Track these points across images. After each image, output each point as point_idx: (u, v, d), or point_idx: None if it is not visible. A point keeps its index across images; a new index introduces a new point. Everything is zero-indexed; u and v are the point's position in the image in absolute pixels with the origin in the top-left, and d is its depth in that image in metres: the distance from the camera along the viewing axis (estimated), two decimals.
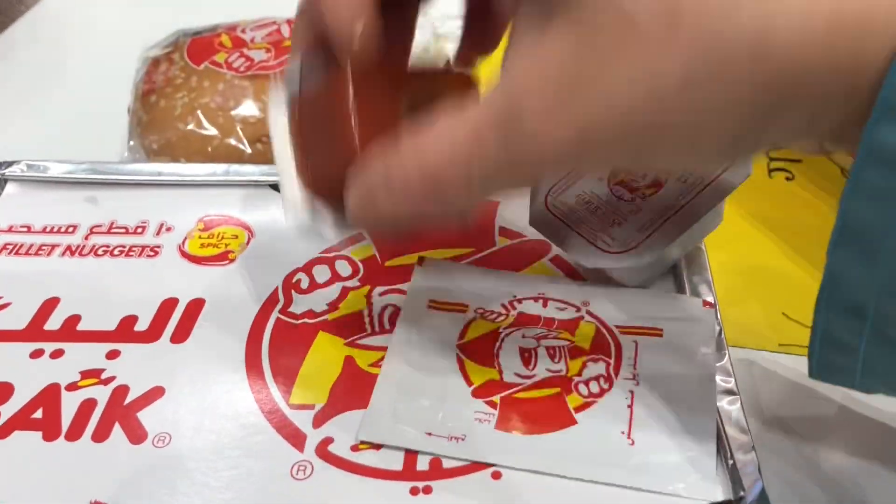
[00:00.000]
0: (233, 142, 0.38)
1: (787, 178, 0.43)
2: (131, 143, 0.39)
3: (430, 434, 0.26)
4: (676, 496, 0.24)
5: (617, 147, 0.22)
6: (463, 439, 0.26)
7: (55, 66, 0.53)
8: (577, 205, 0.31)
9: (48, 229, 0.36)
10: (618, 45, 0.21)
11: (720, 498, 0.24)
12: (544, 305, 0.30)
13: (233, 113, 0.39)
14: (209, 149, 0.38)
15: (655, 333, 0.29)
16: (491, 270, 0.32)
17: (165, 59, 0.41)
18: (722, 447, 0.26)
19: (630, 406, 0.27)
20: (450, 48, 0.44)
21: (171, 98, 0.39)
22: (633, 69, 0.21)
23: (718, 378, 0.28)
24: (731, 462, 0.25)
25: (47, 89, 0.51)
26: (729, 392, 0.28)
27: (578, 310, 0.30)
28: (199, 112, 0.39)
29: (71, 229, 0.35)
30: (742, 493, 0.25)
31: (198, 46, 0.41)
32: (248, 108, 0.39)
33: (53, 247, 0.35)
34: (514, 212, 0.35)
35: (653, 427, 0.26)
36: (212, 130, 0.38)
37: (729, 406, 0.27)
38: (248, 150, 0.38)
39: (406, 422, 0.27)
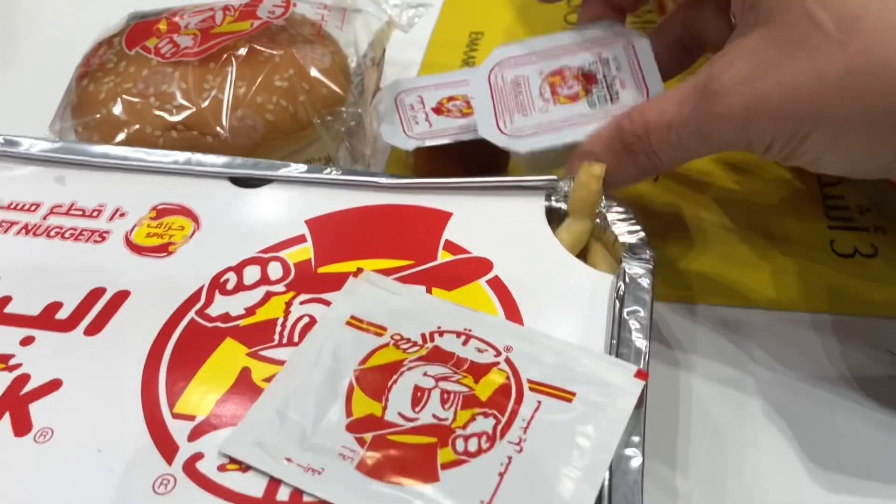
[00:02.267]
0: (148, 129, 0.38)
1: None
2: (56, 123, 0.39)
3: (289, 461, 0.25)
4: None
5: (779, 123, 0.27)
6: (320, 473, 0.25)
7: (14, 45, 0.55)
8: (510, 84, 0.37)
9: (14, 206, 0.36)
10: (799, 41, 0.26)
11: None
12: (465, 343, 0.28)
13: (151, 100, 0.38)
14: (124, 135, 0.38)
15: (566, 397, 0.26)
16: (426, 296, 0.30)
17: (106, 43, 0.41)
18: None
19: (502, 474, 0.24)
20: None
21: (100, 82, 0.39)
22: (805, 63, 0.26)
23: (626, 436, 0.25)
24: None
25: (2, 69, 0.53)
26: (634, 446, 0.25)
27: (498, 354, 0.28)
28: (120, 98, 0.38)
29: (34, 207, 0.36)
30: None
31: (137, 31, 0.41)
32: (166, 97, 0.38)
33: (12, 224, 0.35)
34: (463, 228, 0.33)
35: (518, 502, 0.24)
36: (130, 116, 0.38)
37: (630, 465, 0.25)
38: (164, 137, 0.37)
39: (270, 444, 0.25)
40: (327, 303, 0.30)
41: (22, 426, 0.27)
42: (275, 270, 0.32)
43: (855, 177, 0.32)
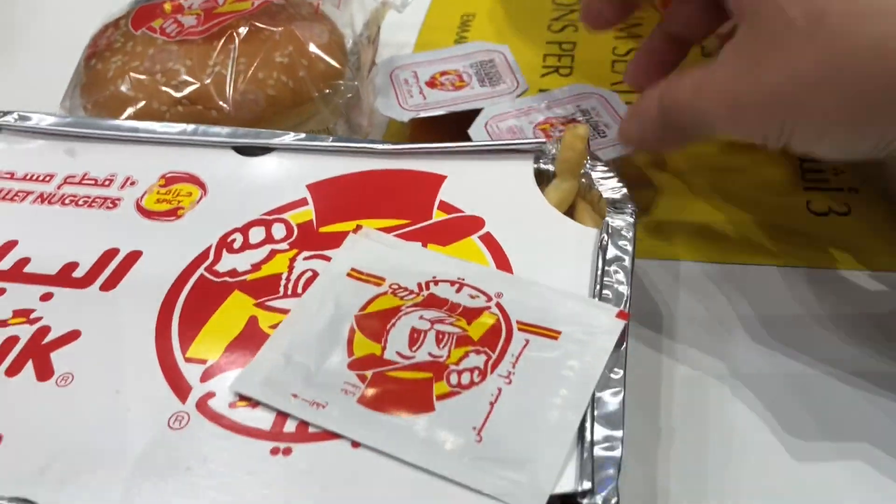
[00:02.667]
0: (155, 104, 0.40)
1: None
2: (67, 101, 0.41)
3: (294, 396, 0.27)
4: (509, 494, 0.24)
5: (763, 117, 0.28)
6: (324, 406, 0.26)
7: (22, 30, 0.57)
8: (506, 131, 0.40)
9: (28, 177, 0.38)
10: (774, 37, 0.27)
11: (556, 490, 0.24)
12: (458, 291, 0.30)
13: (157, 76, 0.40)
14: (132, 110, 0.39)
15: (552, 335, 0.28)
16: (422, 249, 0.32)
17: (113, 25, 0.43)
18: (582, 443, 0.25)
19: (492, 403, 0.26)
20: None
21: (108, 61, 0.41)
22: (780, 60, 0.27)
23: (608, 371, 0.27)
24: (585, 456, 0.25)
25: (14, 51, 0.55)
26: (616, 383, 0.27)
27: (489, 300, 0.30)
28: (127, 75, 0.40)
29: (48, 178, 0.38)
30: (589, 486, 0.24)
31: (143, 13, 0.43)
32: (171, 73, 0.40)
33: (28, 194, 0.37)
34: (457, 189, 0.35)
35: (507, 428, 0.26)
36: (137, 92, 0.40)
37: (610, 398, 0.27)
38: (170, 112, 0.39)
39: (277, 381, 0.27)
40: (328, 258, 0.32)
41: (44, 372, 0.29)
42: (278, 230, 0.34)
43: (851, 160, 0.33)
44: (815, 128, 0.28)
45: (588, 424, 0.26)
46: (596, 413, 0.26)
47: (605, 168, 0.34)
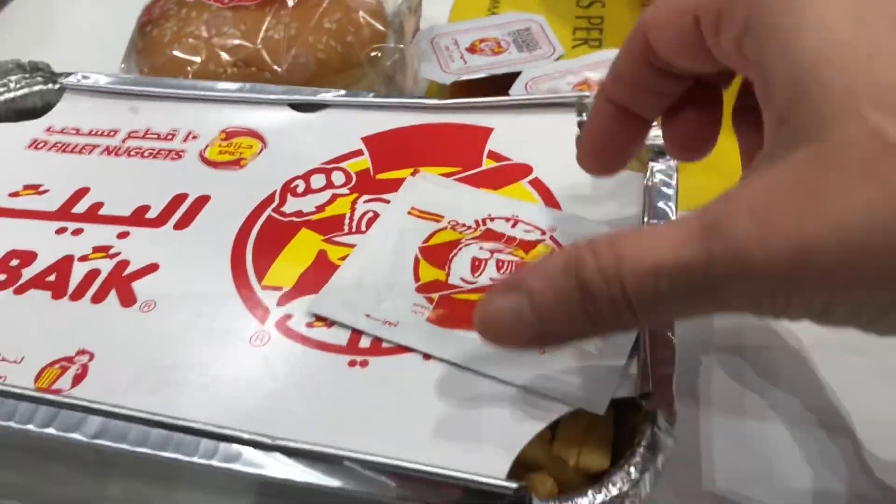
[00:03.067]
0: (211, 66, 0.42)
1: None
2: (122, 66, 0.43)
3: (368, 316, 0.29)
4: (575, 398, 0.26)
5: (842, 282, 0.19)
6: (396, 325, 0.28)
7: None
8: None
9: (94, 132, 0.40)
10: (865, 165, 0.18)
11: (618, 394, 0.26)
12: (513, 226, 0.32)
13: (213, 40, 0.42)
14: (190, 73, 0.42)
15: None
16: (478, 190, 0.34)
17: None
18: (639, 351, 0.27)
19: None
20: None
21: (163, 28, 0.43)
22: (877, 197, 0.18)
23: None
24: (642, 361, 0.27)
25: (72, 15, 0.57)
26: None
27: (543, 234, 0.32)
28: (183, 40, 0.42)
29: (112, 133, 0.40)
30: (648, 389, 0.26)
31: None
32: (226, 37, 0.42)
33: (95, 147, 0.39)
34: (504, 140, 0.37)
35: None
36: (193, 55, 0.42)
37: None
38: (227, 73, 0.41)
39: (351, 303, 0.29)
40: (387, 201, 0.34)
41: (127, 299, 0.31)
42: (338, 177, 0.36)
43: None
44: None
45: (643, 335, 0.28)
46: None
47: None
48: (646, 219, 0.32)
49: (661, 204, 0.33)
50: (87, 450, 0.29)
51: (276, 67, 0.42)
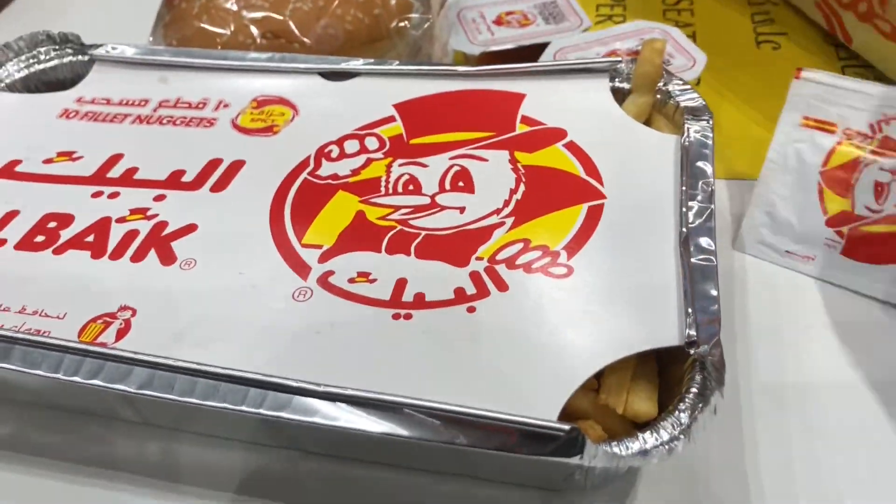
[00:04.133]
0: (240, 37, 0.42)
1: (774, 48, 0.46)
2: (150, 38, 0.43)
3: (788, 252, 0.31)
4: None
5: None
6: (813, 259, 0.31)
7: None
8: None
9: (124, 102, 0.40)
10: None
11: (670, 342, 0.26)
12: None
13: (242, 13, 0.42)
14: (219, 44, 0.42)
15: None
16: (867, 84, 0.32)
17: None
18: (684, 302, 0.27)
19: None
20: None
21: (192, 1, 0.43)
22: None
23: None
24: (688, 309, 0.27)
25: None
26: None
27: None
28: (212, 12, 0.42)
29: (143, 103, 0.40)
30: (694, 338, 0.26)
31: None
32: (255, 8, 0.43)
33: (126, 116, 0.39)
34: (537, 105, 0.37)
35: None
36: (222, 28, 0.42)
37: None
38: (255, 44, 0.42)
39: (769, 241, 0.32)
40: (424, 165, 0.34)
41: (167, 258, 0.31)
42: (371, 143, 0.36)
43: None
44: None
45: (688, 286, 0.28)
46: None
47: (681, 81, 0.36)
48: (683, 178, 0.32)
49: (699, 163, 0.32)
50: (131, 405, 0.29)
51: (304, 39, 0.42)
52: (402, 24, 0.43)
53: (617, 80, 0.38)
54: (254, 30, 0.43)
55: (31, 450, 0.31)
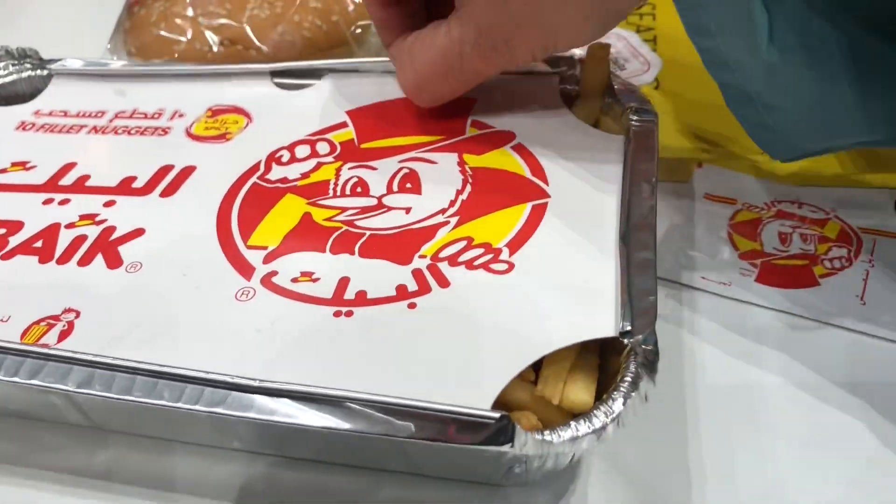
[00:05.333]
0: (197, 45, 0.43)
1: None
2: (108, 45, 0.44)
3: (703, 278, 0.34)
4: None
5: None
6: (728, 285, 0.34)
7: None
8: None
9: (81, 114, 0.40)
10: None
11: (605, 334, 0.26)
12: (799, 207, 0.38)
13: (199, 20, 0.43)
14: (176, 52, 0.42)
15: (893, 235, 0.36)
16: (754, 179, 0.39)
17: None
18: (620, 293, 0.28)
19: (865, 280, 0.34)
20: None
21: (151, 7, 0.44)
22: None
23: None
24: (623, 299, 0.27)
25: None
26: None
27: (827, 214, 0.37)
28: (170, 19, 0.43)
29: (100, 114, 0.40)
30: (629, 328, 0.26)
31: None
32: (212, 15, 0.43)
33: (82, 127, 0.39)
34: (487, 109, 0.37)
35: (887, 296, 0.34)
36: (180, 35, 0.43)
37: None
38: (213, 51, 0.42)
39: (687, 267, 0.34)
40: (373, 168, 0.35)
41: (114, 261, 0.31)
42: (322, 147, 0.36)
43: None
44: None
45: (623, 276, 0.28)
46: None
47: (630, 85, 0.37)
48: (626, 176, 0.32)
49: (642, 163, 0.33)
50: (78, 409, 0.29)
51: (261, 45, 0.42)
52: (359, 30, 0.43)
53: (567, 84, 0.38)
54: (211, 37, 0.43)
55: None
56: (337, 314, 0.28)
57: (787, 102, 0.30)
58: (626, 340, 0.26)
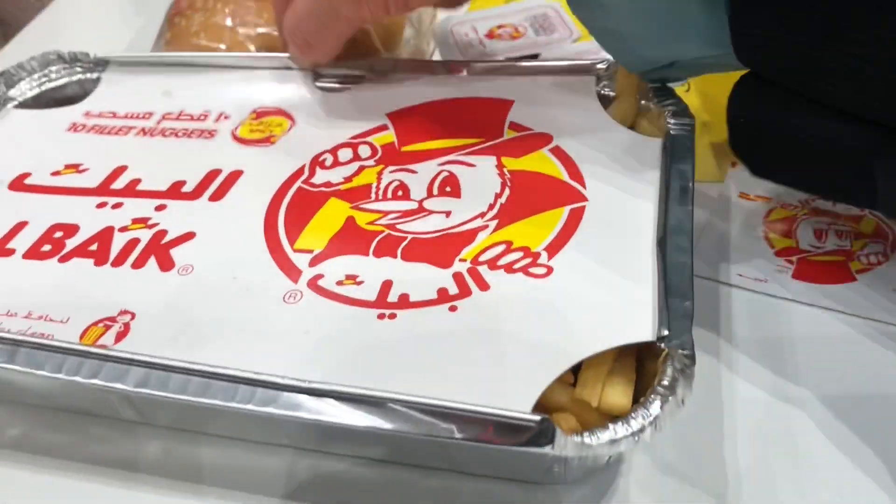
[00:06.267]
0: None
1: None
2: None
3: (740, 275, 0.34)
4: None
5: None
6: (766, 282, 0.34)
7: None
8: None
9: (129, 115, 0.42)
10: None
11: (643, 338, 0.27)
12: (833, 204, 0.38)
13: (238, 29, 0.44)
14: None
15: None
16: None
17: None
18: (657, 297, 0.28)
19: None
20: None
21: (190, 18, 0.45)
22: None
23: None
24: (660, 304, 0.28)
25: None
26: None
27: (862, 210, 0.37)
28: (209, 29, 0.44)
29: (147, 115, 0.41)
30: (666, 332, 0.27)
31: None
32: (250, 25, 0.44)
33: (131, 128, 0.41)
34: (525, 111, 0.38)
35: None
36: (219, 44, 0.44)
37: None
38: None
39: (724, 265, 0.35)
40: (414, 171, 0.36)
41: (166, 264, 0.32)
42: (364, 151, 0.37)
43: None
44: None
45: (659, 281, 0.29)
46: None
47: (666, 87, 0.37)
48: (664, 179, 0.33)
49: (679, 165, 0.33)
50: (131, 405, 0.30)
51: None
52: (392, 46, 0.44)
53: (603, 85, 0.39)
54: (249, 46, 0.44)
55: (39, 450, 0.33)
56: (381, 317, 0.29)
57: (623, 2, 0.31)
58: (662, 345, 0.27)
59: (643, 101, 0.38)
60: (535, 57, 0.44)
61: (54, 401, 0.33)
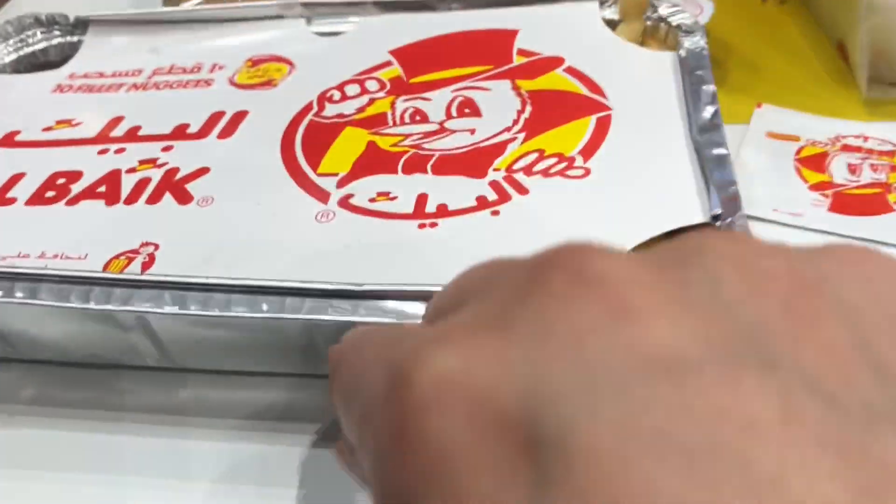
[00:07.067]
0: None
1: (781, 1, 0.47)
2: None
3: (775, 210, 0.33)
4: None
5: None
6: (801, 215, 0.32)
7: None
8: None
9: (118, 73, 0.40)
10: None
11: (697, 219, 0.26)
12: (865, 140, 0.36)
13: None
14: None
15: None
16: (819, 117, 0.37)
17: None
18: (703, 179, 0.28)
19: None
20: None
21: None
22: None
23: None
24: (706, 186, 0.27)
25: None
26: None
27: (895, 145, 0.35)
28: None
29: (137, 72, 0.40)
30: (718, 212, 0.26)
31: None
32: None
33: (121, 85, 0.39)
34: (531, 38, 0.37)
35: None
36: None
37: None
38: None
39: (756, 200, 0.33)
40: (427, 99, 0.35)
41: (184, 198, 0.31)
42: (372, 85, 0.36)
43: None
44: None
45: (702, 162, 0.28)
46: None
47: (671, 3, 0.37)
48: (685, 85, 0.32)
49: (698, 72, 0.33)
50: (157, 345, 0.29)
51: None
52: None
53: (607, 6, 0.38)
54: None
55: (56, 407, 0.31)
56: (422, 226, 0.28)
57: None
58: (717, 223, 0.26)
59: (649, 23, 0.38)
60: None
61: (69, 350, 0.31)
